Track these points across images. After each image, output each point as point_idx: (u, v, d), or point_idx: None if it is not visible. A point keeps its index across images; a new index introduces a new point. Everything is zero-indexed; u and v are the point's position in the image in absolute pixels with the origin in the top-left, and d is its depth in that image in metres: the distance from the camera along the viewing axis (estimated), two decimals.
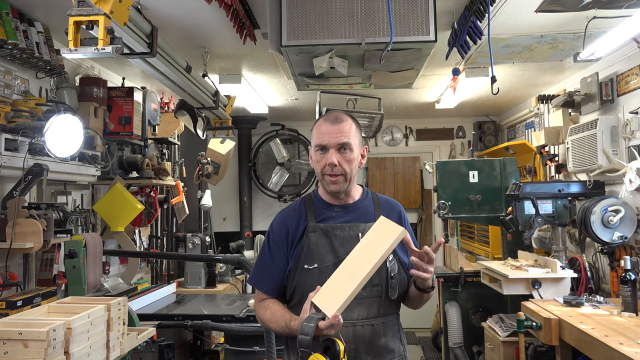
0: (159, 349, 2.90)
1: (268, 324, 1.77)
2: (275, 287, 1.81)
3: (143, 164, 3.85)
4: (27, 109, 2.77)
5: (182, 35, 3.33)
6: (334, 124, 1.76)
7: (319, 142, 1.77)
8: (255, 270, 1.88)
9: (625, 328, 2.64)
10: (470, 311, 4.33)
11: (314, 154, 1.81)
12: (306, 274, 1.73)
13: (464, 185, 4.45)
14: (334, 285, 1.58)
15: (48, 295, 2.54)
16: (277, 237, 1.83)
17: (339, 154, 1.75)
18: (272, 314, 1.75)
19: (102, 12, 1.89)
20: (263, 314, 1.79)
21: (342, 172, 1.75)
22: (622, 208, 3.41)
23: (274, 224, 1.88)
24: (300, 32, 2.66)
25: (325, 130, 1.77)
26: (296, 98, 5.29)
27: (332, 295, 1.55)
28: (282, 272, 1.80)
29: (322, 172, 1.78)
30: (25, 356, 1.85)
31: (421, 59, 2.99)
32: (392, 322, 1.80)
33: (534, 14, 3.00)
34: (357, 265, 1.59)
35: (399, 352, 1.79)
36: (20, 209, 2.57)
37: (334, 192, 1.80)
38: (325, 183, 1.79)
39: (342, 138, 1.75)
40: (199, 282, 4.63)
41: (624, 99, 3.63)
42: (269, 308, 1.78)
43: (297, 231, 1.80)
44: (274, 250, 1.82)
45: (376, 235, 1.64)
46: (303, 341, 1.48)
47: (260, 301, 1.84)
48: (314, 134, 1.82)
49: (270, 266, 1.82)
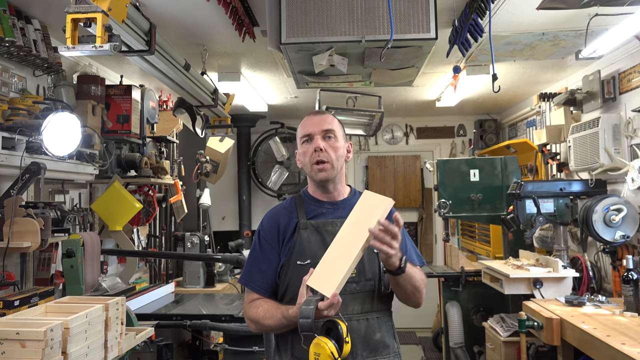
0: (158, 349, 2.89)
1: (262, 322, 1.73)
2: (268, 286, 1.80)
3: (141, 162, 3.83)
4: (24, 107, 2.76)
5: (180, 33, 3.31)
6: (316, 115, 1.85)
7: (304, 132, 1.82)
8: (247, 270, 1.85)
9: (628, 328, 2.63)
10: (471, 311, 4.33)
11: (300, 147, 1.85)
12: (299, 270, 1.71)
13: (465, 184, 4.45)
14: (327, 266, 1.57)
15: (45, 294, 2.54)
16: (268, 234, 1.82)
17: (324, 141, 1.79)
18: (265, 310, 1.73)
19: (100, 9, 1.90)
20: (255, 313, 1.76)
21: (328, 158, 1.78)
22: (624, 207, 3.40)
23: (264, 222, 1.87)
24: (299, 29, 2.66)
25: (308, 122, 1.83)
26: (295, 96, 5.28)
27: (327, 275, 1.54)
28: (275, 270, 1.79)
29: (309, 162, 1.80)
30: (22, 356, 1.85)
31: (422, 57, 2.98)
32: (386, 317, 1.80)
33: (535, 11, 2.99)
34: (348, 243, 1.57)
35: (394, 348, 1.79)
36: (18, 208, 2.55)
37: (323, 181, 1.80)
38: (313, 172, 1.80)
39: (326, 125, 1.81)
40: (197, 282, 4.61)
41: (626, 97, 3.62)
42: (261, 306, 1.76)
43: (287, 228, 1.80)
44: (266, 248, 1.82)
45: (363, 209, 1.63)
46: (305, 324, 1.46)
47: (250, 302, 1.81)
48: (299, 129, 1.86)
49: (262, 264, 1.81)
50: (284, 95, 5.23)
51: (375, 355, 1.72)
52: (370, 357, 1.71)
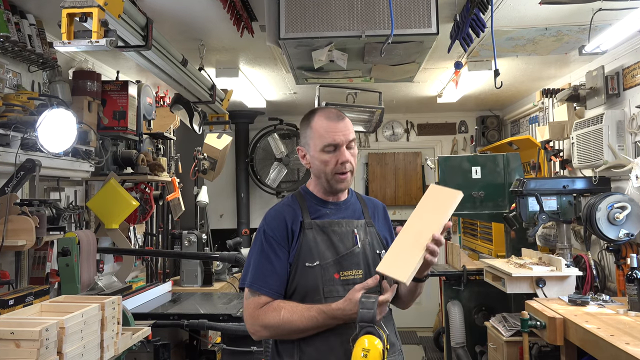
0: (154, 349, 2.88)
1: (286, 325, 1.64)
2: (282, 289, 1.72)
3: (138, 159, 3.81)
4: (19, 103, 2.75)
5: (178, 28, 3.29)
6: (339, 121, 1.77)
7: (329, 141, 1.74)
8: (258, 274, 1.72)
9: (632, 327, 2.61)
10: (473, 310, 4.31)
11: (319, 153, 1.77)
12: (308, 272, 1.69)
13: (467, 181, 4.42)
14: (397, 253, 1.59)
15: (40, 293, 2.52)
16: (277, 233, 1.75)
17: (348, 150, 1.77)
18: (291, 312, 1.65)
19: (95, 4, 1.90)
20: (275, 317, 1.66)
21: (351, 168, 1.77)
22: (628, 205, 3.38)
23: (269, 220, 1.79)
24: (298, 24, 2.65)
25: (333, 128, 1.75)
26: (295, 92, 5.26)
27: (398, 262, 1.56)
28: (287, 271, 1.73)
29: (332, 172, 1.75)
30: (17, 356, 1.85)
31: (422, 52, 2.96)
32: (389, 316, 1.82)
33: (538, 6, 2.96)
34: (419, 232, 1.59)
35: (398, 346, 1.80)
36: (12, 206, 2.54)
37: (341, 190, 1.81)
38: (334, 181, 1.77)
39: (351, 135, 1.78)
40: (195, 281, 4.59)
41: (630, 92, 3.59)
42: (283, 307, 1.66)
43: (294, 227, 1.76)
44: (276, 247, 1.74)
45: (431, 201, 1.68)
46: (366, 315, 1.50)
47: (260, 307, 1.69)
48: (314, 132, 1.78)
49: (275, 266, 1.72)
50: (283, 91, 5.21)
51: None
52: None
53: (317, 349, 1.66)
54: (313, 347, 1.66)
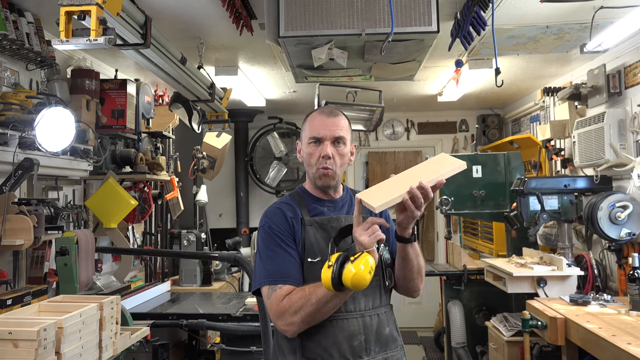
0: (153, 348, 2.88)
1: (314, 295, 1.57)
2: (300, 276, 1.69)
3: (136, 158, 3.80)
4: (17, 102, 2.73)
5: (176, 26, 3.28)
6: (329, 117, 1.80)
7: (314, 134, 1.78)
8: (270, 269, 1.69)
9: (633, 327, 2.60)
10: (474, 310, 4.31)
11: (306, 146, 1.82)
12: (311, 268, 1.70)
13: (467, 181, 4.41)
14: (381, 188, 1.63)
15: (39, 293, 2.51)
16: (282, 228, 1.75)
17: (333, 147, 1.77)
18: (312, 285, 1.60)
19: (94, 1, 1.90)
20: (302, 295, 1.60)
21: (333, 166, 1.77)
22: (630, 204, 3.37)
23: (271, 217, 1.78)
24: (298, 22, 2.64)
25: (320, 123, 1.79)
26: (294, 90, 5.24)
27: (378, 194, 1.59)
28: (300, 261, 1.72)
29: (314, 165, 1.78)
30: (15, 356, 1.85)
31: (423, 50, 2.95)
32: (391, 312, 1.84)
33: (539, 4, 2.95)
34: (410, 179, 1.62)
35: (399, 341, 1.82)
36: (10, 205, 2.53)
37: (323, 187, 1.81)
38: (316, 176, 1.79)
39: (338, 131, 1.78)
40: (194, 280, 4.58)
41: (632, 91, 3.58)
42: (305, 287, 1.62)
43: (295, 223, 1.77)
44: (285, 239, 1.72)
45: (435, 164, 1.71)
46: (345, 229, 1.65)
47: (281, 300, 1.64)
48: (306, 126, 1.83)
49: (288, 255, 1.70)
50: (283, 89, 5.19)
51: (385, 350, 1.75)
52: (382, 352, 1.74)
53: (319, 344, 1.67)
54: (315, 342, 1.67)
